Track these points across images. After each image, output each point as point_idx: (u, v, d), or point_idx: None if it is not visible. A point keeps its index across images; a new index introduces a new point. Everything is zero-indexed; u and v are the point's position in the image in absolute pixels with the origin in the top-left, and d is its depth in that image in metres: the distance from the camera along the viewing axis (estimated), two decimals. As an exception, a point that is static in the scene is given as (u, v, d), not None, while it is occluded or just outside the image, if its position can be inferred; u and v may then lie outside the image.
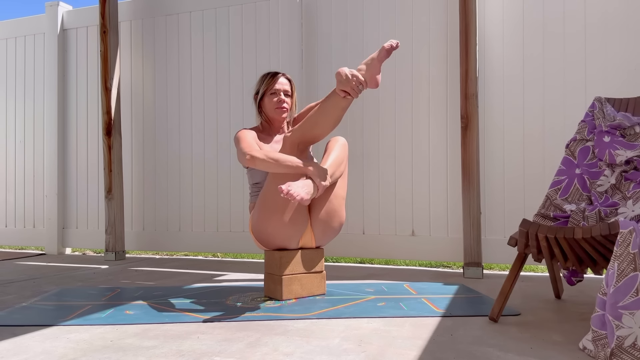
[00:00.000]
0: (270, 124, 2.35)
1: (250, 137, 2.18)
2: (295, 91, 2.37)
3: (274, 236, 2.11)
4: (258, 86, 2.35)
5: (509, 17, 2.91)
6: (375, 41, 3.18)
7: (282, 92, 2.29)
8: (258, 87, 2.35)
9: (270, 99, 2.29)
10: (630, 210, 1.82)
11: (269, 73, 2.34)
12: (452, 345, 1.50)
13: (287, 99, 2.31)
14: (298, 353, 1.44)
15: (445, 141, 3.03)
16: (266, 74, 2.34)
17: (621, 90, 2.67)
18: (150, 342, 1.56)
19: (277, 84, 2.29)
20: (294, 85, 2.36)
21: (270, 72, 2.34)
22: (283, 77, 2.33)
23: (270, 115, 2.31)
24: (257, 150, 2.05)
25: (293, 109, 2.38)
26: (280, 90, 2.29)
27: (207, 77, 3.64)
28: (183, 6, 3.71)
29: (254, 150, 2.05)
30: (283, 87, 2.30)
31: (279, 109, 2.28)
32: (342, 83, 1.99)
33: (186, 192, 3.69)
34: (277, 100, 2.28)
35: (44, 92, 4.10)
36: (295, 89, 2.38)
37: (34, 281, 2.72)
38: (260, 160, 2.01)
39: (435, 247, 3.03)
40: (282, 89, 2.30)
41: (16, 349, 1.51)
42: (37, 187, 4.14)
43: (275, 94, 2.29)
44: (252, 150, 2.05)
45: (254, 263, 3.46)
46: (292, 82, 2.36)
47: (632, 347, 1.32)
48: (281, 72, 2.35)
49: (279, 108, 2.28)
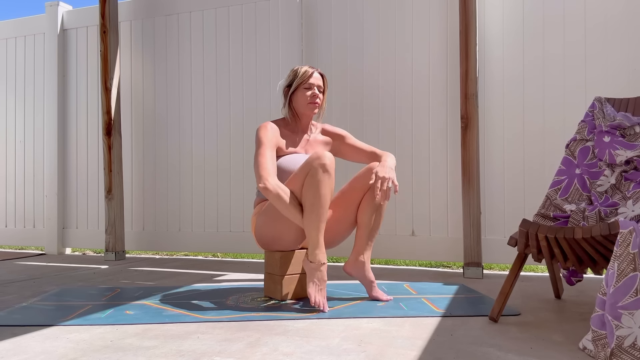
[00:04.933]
0: (298, 119, 2.27)
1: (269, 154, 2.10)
2: (327, 89, 2.31)
3: (279, 241, 2.12)
4: (291, 79, 2.25)
5: (509, 17, 2.91)
6: (375, 41, 3.18)
7: (315, 87, 2.22)
8: (291, 79, 2.25)
9: (304, 92, 2.21)
10: (630, 210, 1.82)
11: (301, 66, 2.26)
12: (452, 345, 1.50)
13: (320, 95, 2.24)
14: (298, 353, 1.44)
15: (445, 141, 3.03)
16: (298, 68, 2.26)
17: (621, 90, 2.67)
18: (150, 342, 1.56)
19: (312, 79, 2.21)
20: (326, 82, 2.29)
21: (304, 66, 2.26)
22: (317, 72, 2.25)
23: (300, 110, 2.24)
24: (272, 184, 1.99)
25: (323, 106, 2.30)
26: (315, 84, 2.22)
27: (207, 77, 3.64)
28: (183, 6, 3.71)
29: (268, 181, 2.00)
30: (317, 82, 2.23)
31: (312, 104, 2.21)
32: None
33: (186, 192, 3.69)
34: (310, 94, 2.20)
35: (44, 92, 4.10)
36: (327, 87, 2.31)
37: (34, 281, 2.72)
38: (271, 196, 1.98)
39: (435, 247, 3.03)
40: (316, 83, 2.23)
41: (16, 349, 1.51)
42: (37, 187, 4.14)
43: (310, 88, 2.21)
44: (266, 180, 2.00)
45: (254, 263, 3.46)
46: (325, 79, 2.29)
47: (632, 347, 1.32)
48: (314, 67, 2.28)
49: (312, 103, 2.21)
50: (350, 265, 2.16)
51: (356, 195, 2.13)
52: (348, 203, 2.15)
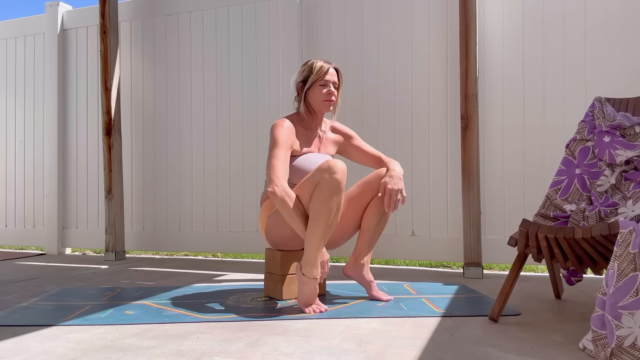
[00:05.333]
0: (312, 115, 2.20)
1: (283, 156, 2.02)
2: (342, 84, 2.22)
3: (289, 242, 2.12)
4: (306, 74, 2.16)
5: (509, 17, 2.91)
6: (375, 41, 3.18)
7: (331, 84, 2.15)
8: (306, 75, 2.16)
9: (320, 90, 2.13)
10: (630, 210, 1.82)
11: (316, 61, 2.17)
12: (452, 345, 1.50)
13: (336, 92, 2.17)
14: (298, 353, 1.44)
15: (445, 141, 3.03)
16: (313, 62, 2.17)
17: (621, 90, 2.67)
18: (150, 342, 1.56)
19: (329, 75, 2.14)
20: (341, 78, 2.21)
21: (318, 61, 2.16)
22: (332, 67, 2.17)
23: (316, 107, 2.17)
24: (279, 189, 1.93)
25: (338, 102, 2.23)
26: (331, 82, 2.14)
27: (207, 77, 3.64)
28: (183, 6, 3.71)
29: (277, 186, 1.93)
30: (333, 78, 2.16)
31: (328, 101, 2.15)
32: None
33: (186, 192, 3.69)
34: (327, 92, 2.13)
35: (44, 92, 4.10)
36: (342, 82, 2.23)
37: (34, 281, 2.72)
38: (277, 202, 1.92)
39: (435, 247, 3.03)
40: (332, 80, 2.15)
41: (16, 349, 1.51)
42: (37, 187, 4.14)
43: (325, 85, 2.13)
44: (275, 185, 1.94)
45: (254, 263, 3.46)
46: (340, 74, 2.20)
47: (632, 347, 1.32)
48: (330, 62, 2.19)
49: (328, 101, 2.14)
50: (349, 268, 2.16)
51: (364, 200, 2.13)
52: (355, 207, 2.14)
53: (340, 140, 2.31)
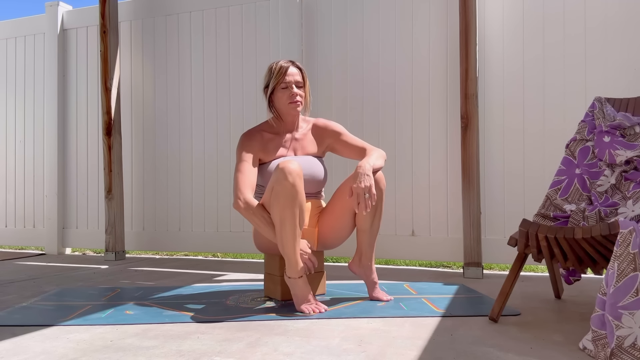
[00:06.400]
0: (282, 119, 2.16)
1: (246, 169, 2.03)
2: (307, 79, 2.15)
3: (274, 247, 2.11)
4: (267, 79, 2.13)
5: (509, 17, 2.91)
6: (375, 41, 3.18)
7: (293, 84, 2.08)
8: (267, 80, 2.13)
9: (283, 93, 2.08)
10: (630, 210, 1.82)
11: (276, 62, 2.11)
12: (452, 345, 1.50)
13: (300, 91, 2.10)
14: (298, 353, 1.44)
15: (445, 141, 3.03)
16: (273, 65, 2.11)
17: (621, 90, 2.67)
18: (150, 342, 1.56)
19: (288, 76, 2.07)
20: (305, 73, 2.14)
21: (278, 62, 2.11)
22: (293, 66, 2.10)
23: (283, 110, 2.12)
24: (242, 203, 1.95)
25: (307, 99, 2.16)
26: (292, 82, 2.07)
27: (207, 77, 3.64)
28: (183, 6, 3.70)
29: (240, 200, 1.96)
30: (294, 78, 2.08)
31: (293, 103, 2.08)
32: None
33: (186, 192, 3.69)
34: (289, 94, 2.08)
35: (44, 92, 4.10)
36: (307, 77, 2.16)
37: (34, 281, 2.72)
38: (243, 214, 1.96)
39: (435, 247, 3.03)
40: (294, 80, 2.08)
41: (16, 349, 1.51)
42: (37, 187, 4.14)
43: (287, 87, 2.08)
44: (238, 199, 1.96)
45: (254, 263, 3.46)
46: (302, 71, 2.13)
47: (632, 347, 1.32)
48: (289, 60, 2.13)
49: (293, 102, 2.08)
50: (355, 265, 2.16)
51: (348, 203, 2.05)
52: (343, 210, 2.10)
53: (324, 138, 2.22)
